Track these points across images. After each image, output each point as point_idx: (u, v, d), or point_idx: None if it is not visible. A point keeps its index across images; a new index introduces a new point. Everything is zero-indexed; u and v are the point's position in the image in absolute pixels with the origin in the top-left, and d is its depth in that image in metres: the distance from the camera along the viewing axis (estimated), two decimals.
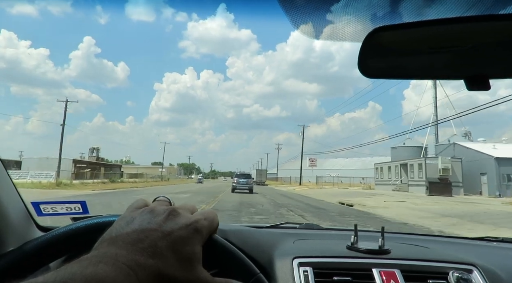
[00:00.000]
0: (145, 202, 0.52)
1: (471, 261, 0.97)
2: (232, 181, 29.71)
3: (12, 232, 0.88)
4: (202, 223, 0.47)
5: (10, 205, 0.91)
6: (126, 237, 0.42)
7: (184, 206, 0.51)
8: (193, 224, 0.46)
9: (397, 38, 0.58)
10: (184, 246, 0.43)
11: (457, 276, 0.90)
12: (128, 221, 0.45)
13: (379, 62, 0.62)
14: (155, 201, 0.53)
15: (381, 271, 0.90)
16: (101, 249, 0.41)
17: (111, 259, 0.37)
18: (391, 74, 0.65)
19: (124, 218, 0.46)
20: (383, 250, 0.98)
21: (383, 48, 0.59)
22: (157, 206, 0.49)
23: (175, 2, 50.60)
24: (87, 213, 1.12)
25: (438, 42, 0.57)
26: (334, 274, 0.89)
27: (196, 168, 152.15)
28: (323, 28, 0.67)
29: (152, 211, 0.46)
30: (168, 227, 0.44)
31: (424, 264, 0.95)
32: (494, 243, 1.49)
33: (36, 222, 1.02)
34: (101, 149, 72.37)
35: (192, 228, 0.45)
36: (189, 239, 0.44)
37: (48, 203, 1.09)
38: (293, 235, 1.20)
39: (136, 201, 0.51)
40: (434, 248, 1.15)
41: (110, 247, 0.40)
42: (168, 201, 0.53)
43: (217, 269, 0.54)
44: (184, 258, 0.42)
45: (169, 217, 0.45)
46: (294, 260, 0.92)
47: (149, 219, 0.45)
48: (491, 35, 0.55)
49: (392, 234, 1.46)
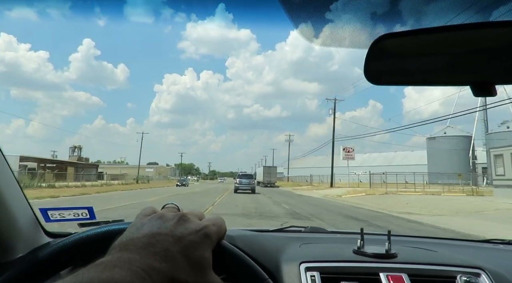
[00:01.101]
0: (153, 209, 0.53)
1: (478, 265, 0.97)
2: (234, 181, 29.32)
3: (21, 238, 0.89)
4: (211, 228, 0.48)
5: (19, 211, 0.92)
6: (137, 242, 0.42)
7: (192, 212, 0.51)
8: (203, 229, 0.47)
9: (402, 45, 0.58)
10: (195, 251, 0.44)
11: (465, 280, 0.90)
12: (138, 227, 0.46)
13: (385, 69, 0.63)
14: (164, 208, 0.54)
15: (388, 275, 0.89)
16: (114, 254, 0.41)
17: (125, 263, 0.38)
18: (397, 80, 0.66)
19: (134, 225, 0.47)
20: (390, 254, 0.98)
21: (388, 55, 0.60)
22: (166, 212, 0.49)
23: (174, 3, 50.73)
24: (94, 218, 1.13)
25: (443, 49, 0.58)
26: (341, 279, 0.89)
27: (195, 168, 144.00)
28: (322, 32, 0.68)
29: (162, 217, 0.47)
30: (178, 232, 0.45)
31: (431, 268, 0.95)
32: (501, 246, 1.48)
33: (44, 228, 1.02)
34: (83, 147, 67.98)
35: (202, 233, 0.46)
36: (199, 244, 0.45)
37: (56, 209, 1.10)
38: (299, 239, 1.20)
39: (144, 209, 0.52)
40: (442, 252, 1.14)
41: (122, 252, 0.41)
42: (177, 207, 0.54)
43: (225, 275, 0.54)
44: (195, 263, 0.43)
45: (179, 222, 0.46)
46: (301, 264, 0.92)
47: (159, 224, 0.46)
48: (496, 41, 0.55)
49: (399, 237, 1.45)
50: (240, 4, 1.47)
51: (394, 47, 0.59)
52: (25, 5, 1.88)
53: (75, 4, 5.78)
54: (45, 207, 1.09)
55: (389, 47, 0.58)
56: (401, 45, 0.58)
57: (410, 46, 0.59)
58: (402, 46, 0.59)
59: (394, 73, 0.64)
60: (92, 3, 8.89)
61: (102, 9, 19.80)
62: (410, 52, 0.60)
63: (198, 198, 20.33)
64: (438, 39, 0.57)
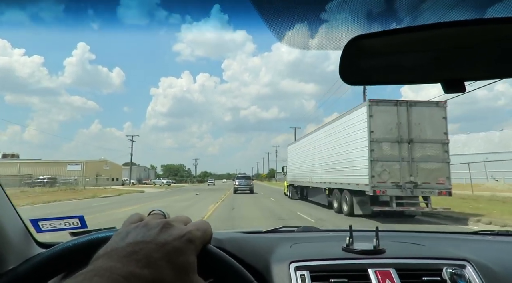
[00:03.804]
0: (140, 216, 0.53)
1: (464, 257, 0.99)
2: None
3: (12, 250, 0.88)
4: (195, 233, 0.48)
5: (9, 223, 0.91)
6: (121, 251, 0.43)
7: (177, 218, 0.52)
8: (187, 234, 0.47)
9: (376, 45, 0.60)
10: (179, 256, 0.44)
11: (450, 272, 0.92)
12: (123, 236, 0.46)
13: (359, 70, 0.64)
14: (150, 215, 0.54)
15: (376, 271, 0.91)
16: (96, 263, 0.42)
17: (106, 271, 0.39)
18: (371, 80, 0.68)
19: (119, 234, 0.47)
20: (378, 249, 1.00)
21: (363, 56, 0.61)
22: (151, 220, 0.50)
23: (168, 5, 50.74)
24: (85, 227, 1.13)
25: (413, 48, 0.60)
26: (330, 276, 0.90)
27: (186, 170, 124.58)
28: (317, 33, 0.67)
29: (146, 225, 0.48)
30: (162, 239, 0.45)
31: (418, 262, 0.97)
32: (489, 237, 1.50)
33: (35, 239, 1.02)
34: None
35: (186, 239, 0.46)
36: (183, 250, 0.45)
37: (46, 220, 1.10)
38: (291, 239, 1.21)
39: (131, 216, 0.53)
40: (429, 245, 1.17)
41: (105, 261, 0.42)
42: (163, 214, 0.55)
43: (212, 279, 0.55)
44: (179, 268, 0.44)
45: (162, 230, 0.46)
46: (291, 264, 0.93)
47: (143, 232, 0.46)
48: (466, 39, 0.57)
49: (387, 233, 1.47)
50: (235, 5, 1.46)
51: (368, 47, 0.60)
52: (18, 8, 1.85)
53: (68, 8, 5.68)
54: (43, 217, 1.06)
55: (363, 47, 0.60)
56: (374, 45, 0.60)
57: (383, 46, 0.60)
58: (376, 46, 0.60)
59: (368, 73, 0.66)
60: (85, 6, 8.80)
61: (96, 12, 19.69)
62: (384, 51, 0.61)
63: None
64: (411, 38, 0.58)
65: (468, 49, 0.58)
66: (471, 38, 0.57)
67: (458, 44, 0.58)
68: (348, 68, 0.63)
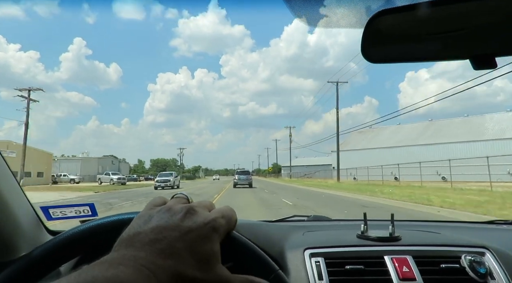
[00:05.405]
0: (163, 199, 0.52)
1: (483, 244, 0.97)
2: (233, 178, 29.30)
3: (23, 238, 0.89)
4: (220, 221, 0.47)
5: (20, 211, 0.91)
6: (144, 237, 0.42)
7: (201, 204, 0.50)
8: (211, 222, 0.46)
9: (399, 21, 0.57)
10: (202, 246, 0.43)
11: (469, 259, 0.90)
12: (146, 220, 0.45)
13: (382, 47, 0.62)
14: (173, 198, 0.53)
15: (393, 257, 0.90)
16: (119, 250, 0.41)
17: (130, 261, 0.38)
18: (395, 58, 0.65)
19: (142, 217, 0.46)
20: (394, 237, 0.99)
21: (385, 32, 0.59)
22: (175, 204, 0.48)
23: None
24: (96, 215, 1.12)
25: (441, 23, 0.57)
26: (346, 263, 0.89)
27: (178, 165, 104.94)
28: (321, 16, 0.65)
29: (170, 209, 0.46)
30: (186, 225, 0.44)
31: (436, 249, 0.95)
32: (504, 226, 1.50)
33: (46, 227, 1.02)
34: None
35: (210, 227, 0.45)
36: (207, 238, 0.44)
37: (57, 207, 1.09)
38: (302, 227, 1.20)
39: (154, 199, 0.52)
40: (445, 234, 1.15)
41: (128, 248, 0.41)
42: (186, 198, 0.53)
43: (231, 263, 0.54)
44: (202, 257, 0.42)
45: (186, 216, 0.45)
46: (305, 251, 0.92)
47: (167, 217, 0.45)
48: (495, 13, 0.54)
49: (402, 222, 1.45)
50: None
51: (391, 23, 0.57)
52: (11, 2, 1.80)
53: (63, 2, 5.60)
54: (54, 205, 1.07)
55: (385, 24, 0.57)
56: (397, 21, 0.57)
57: (406, 22, 0.58)
58: (399, 21, 0.57)
59: (391, 50, 0.64)
60: (80, 0, 8.65)
61: (91, 6, 19.38)
62: (407, 28, 0.59)
63: None
64: (435, 13, 0.56)
65: (499, 21, 0.55)
66: (503, 9, 0.53)
67: (489, 17, 0.55)
68: (371, 46, 0.60)
